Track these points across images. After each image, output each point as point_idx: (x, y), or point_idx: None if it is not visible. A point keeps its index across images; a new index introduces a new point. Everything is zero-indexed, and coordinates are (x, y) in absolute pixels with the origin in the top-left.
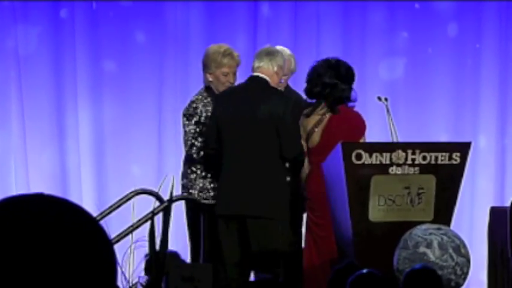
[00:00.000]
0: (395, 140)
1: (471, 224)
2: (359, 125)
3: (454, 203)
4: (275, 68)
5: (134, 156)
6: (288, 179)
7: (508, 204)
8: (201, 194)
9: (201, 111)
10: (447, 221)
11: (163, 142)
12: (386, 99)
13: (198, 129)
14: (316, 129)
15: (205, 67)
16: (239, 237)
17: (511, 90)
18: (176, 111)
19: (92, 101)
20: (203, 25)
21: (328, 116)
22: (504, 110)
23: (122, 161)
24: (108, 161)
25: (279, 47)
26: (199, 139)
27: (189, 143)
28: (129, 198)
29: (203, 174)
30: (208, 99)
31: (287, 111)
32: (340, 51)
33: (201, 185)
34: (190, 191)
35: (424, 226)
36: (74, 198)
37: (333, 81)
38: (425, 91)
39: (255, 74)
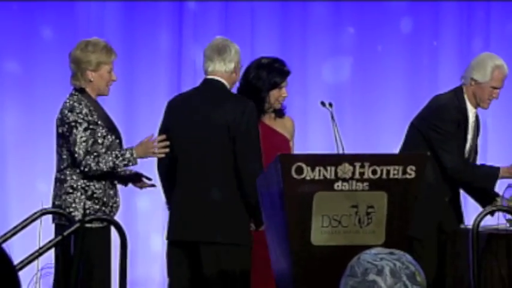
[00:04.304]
0: (341, 152)
1: None
2: None
3: (408, 223)
4: (231, 67)
5: (40, 170)
6: None
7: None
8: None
9: (86, 114)
10: (401, 245)
11: None
12: (330, 105)
13: (87, 135)
14: None
15: (85, 64)
16: (190, 267)
17: None
18: None
19: None
20: (120, 20)
21: None
22: None
23: (26, 176)
24: (10, 175)
25: (486, 54)
26: (95, 147)
27: (82, 152)
28: (35, 219)
29: (89, 193)
30: (85, 101)
31: (244, 119)
32: (278, 50)
33: (86, 206)
34: (71, 213)
35: (374, 250)
36: None
37: None
38: (375, 95)
39: (209, 77)
